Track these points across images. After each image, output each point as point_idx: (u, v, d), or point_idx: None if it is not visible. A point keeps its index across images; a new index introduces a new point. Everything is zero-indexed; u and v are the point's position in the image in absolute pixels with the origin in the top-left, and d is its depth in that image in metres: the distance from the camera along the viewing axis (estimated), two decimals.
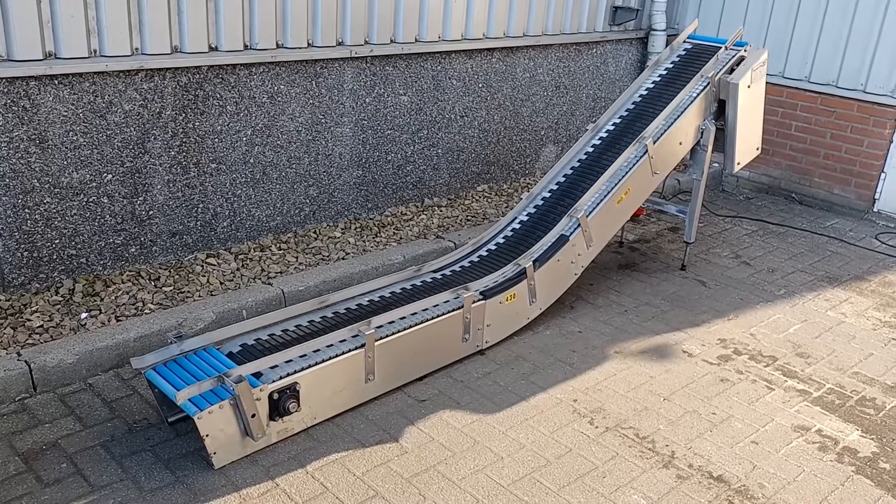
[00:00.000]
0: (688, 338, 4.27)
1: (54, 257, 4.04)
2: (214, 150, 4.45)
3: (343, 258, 4.70)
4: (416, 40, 5.20)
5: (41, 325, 3.71)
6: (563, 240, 4.24)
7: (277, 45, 4.53)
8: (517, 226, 4.48)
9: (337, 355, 3.33)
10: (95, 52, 3.89)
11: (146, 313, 3.90)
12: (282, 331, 3.52)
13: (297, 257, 4.66)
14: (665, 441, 3.38)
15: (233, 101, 4.44)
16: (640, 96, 4.97)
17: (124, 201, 4.20)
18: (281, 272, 4.45)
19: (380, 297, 3.87)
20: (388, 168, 5.37)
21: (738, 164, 4.95)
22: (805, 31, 6.24)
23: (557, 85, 6.29)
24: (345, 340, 3.41)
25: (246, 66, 4.43)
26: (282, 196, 4.85)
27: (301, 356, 3.28)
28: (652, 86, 4.99)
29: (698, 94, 4.72)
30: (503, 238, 4.43)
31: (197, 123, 4.34)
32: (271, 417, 3.14)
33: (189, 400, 2.96)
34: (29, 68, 3.67)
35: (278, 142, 4.72)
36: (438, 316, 3.70)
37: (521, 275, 4.05)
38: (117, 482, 2.94)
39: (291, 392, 3.15)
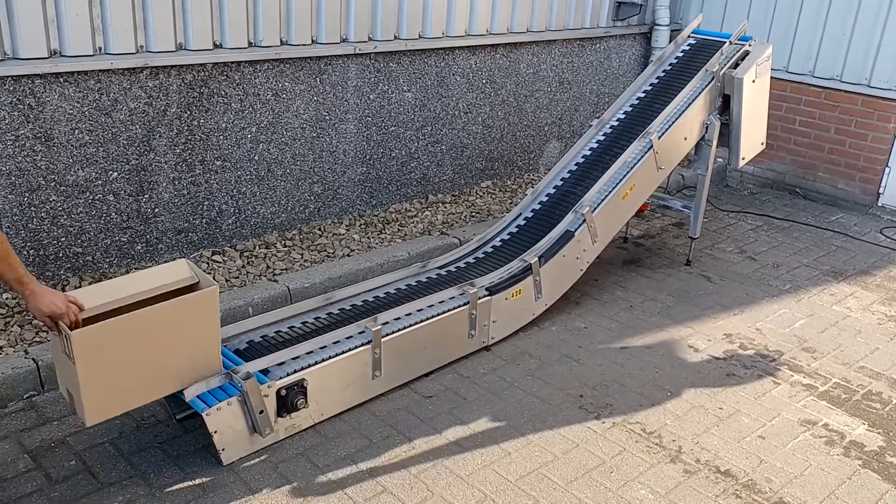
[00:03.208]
0: (693, 333, 4.27)
1: (60, 255, 4.04)
2: (219, 147, 4.46)
3: (348, 255, 4.70)
4: (419, 36, 5.20)
5: None
6: (568, 235, 4.24)
7: (281, 41, 4.53)
8: (522, 222, 4.48)
9: (344, 352, 3.33)
10: (100, 49, 3.89)
11: None
12: (288, 328, 3.53)
13: (302, 254, 4.66)
14: (672, 436, 3.38)
15: (237, 99, 4.44)
16: (644, 92, 4.96)
17: (130, 199, 4.20)
18: (286, 269, 4.46)
19: (385, 293, 3.88)
20: (392, 164, 5.37)
21: (743, 159, 4.95)
22: (809, 25, 6.23)
23: (561, 81, 6.29)
24: (351, 337, 3.42)
25: (250, 63, 4.43)
26: (286, 193, 4.86)
27: (308, 353, 3.29)
28: (656, 81, 4.98)
29: (703, 89, 4.71)
30: (508, 234, 4.43)
31: (202, 121, 4.34)
32: (279, 414, 3.14)
33: (197, 397, 2.96)
34: (34, 66, 3.68)
35: (283, 139, 4.72)
36: (444, 312, 3.70)
37: (527, 271, 4.06)
38: (126, 479, 2.95)
39: (299, 388, 3.16)
